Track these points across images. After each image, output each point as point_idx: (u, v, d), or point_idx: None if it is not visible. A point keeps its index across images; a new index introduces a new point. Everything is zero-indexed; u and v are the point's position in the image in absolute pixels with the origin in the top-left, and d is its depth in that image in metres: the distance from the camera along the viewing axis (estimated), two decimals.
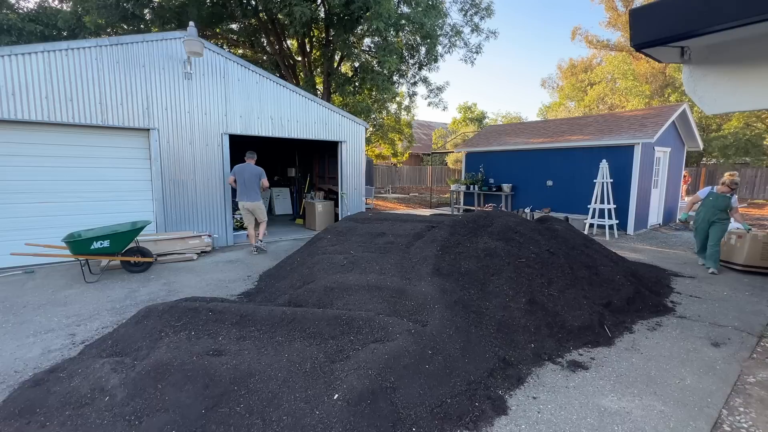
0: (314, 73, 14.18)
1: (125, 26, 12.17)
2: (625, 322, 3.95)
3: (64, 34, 12.46)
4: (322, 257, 4.68)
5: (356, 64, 14.13)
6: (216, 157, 7.36)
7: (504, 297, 3.68)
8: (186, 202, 7.11)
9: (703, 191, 6.12)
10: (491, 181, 12.30)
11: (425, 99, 15.20)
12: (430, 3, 11.38)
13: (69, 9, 12.36)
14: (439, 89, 14.73)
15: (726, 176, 5.86)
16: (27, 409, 2.34)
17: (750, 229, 5.85)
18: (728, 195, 5.74)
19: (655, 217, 10.50)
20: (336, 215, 9.74)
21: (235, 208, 9.34)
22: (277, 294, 4.26)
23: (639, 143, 8.90)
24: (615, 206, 9.03)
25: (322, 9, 12.00)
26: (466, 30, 13.68)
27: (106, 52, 6.17)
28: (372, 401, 2.34)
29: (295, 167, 12.43)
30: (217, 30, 13.81)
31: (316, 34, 13.87)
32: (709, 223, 5.91)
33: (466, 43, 13.94)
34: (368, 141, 16.25)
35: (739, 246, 5.93)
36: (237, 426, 2.20)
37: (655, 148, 9.47)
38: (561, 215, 9.86)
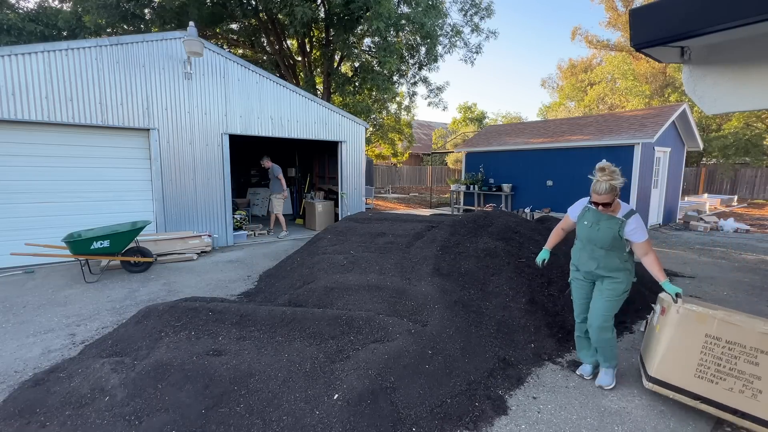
0: (314, 73, 14.18)
1: (125, 26, 12.16)
2: (625, 322, 3.95)
3: (64, 34, 12.45)
4: (322, 257, 4.68)
5: (356, 64, 14.13)
6: (216, 157, 7.36)
7: (504, 297, 3.68)
8: (186, 202, 7.11)
9: (575, 207, 2.94)
10: (491, 181, 12.30)
11: (425, 99, 15.21)
12: (430, 3, 11.38)
13: (69, 9, 12.36)
14: (439, 89, 14.73)
15: (597, 172, 2.59)
16: (27, 409, 2.34)
17: (679, 294, 2.53)
18: (620, 218, 2.64)
19: (655, 217, 10.50)
20: (336, 215, 9.74)
21: (235, 208, 9.37)
22: (277, 294, 4.26)
23: (639, 143, 8.90)
24: None
25: (322, 9, 12.00)
26: (466, 30, 13.69)
27: (106, 52, 6.17)
28: (372, 401, 2.34)
29: (295, 167, 12.43)
30: (217, 30, 13.80)
31: (316, 34, 13.87)
32: (590, 278, 2.86)
33: (466, 43, 13.94)
34: (368, 141, 16.25)
35: (656, 333, 2.71)
36: (237, 426, 2.20)
37: (655, 148, 9.47)
38: (561, 215, 9.84)
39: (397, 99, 16.11)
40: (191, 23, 6.82)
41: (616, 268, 2.71)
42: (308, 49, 14.05)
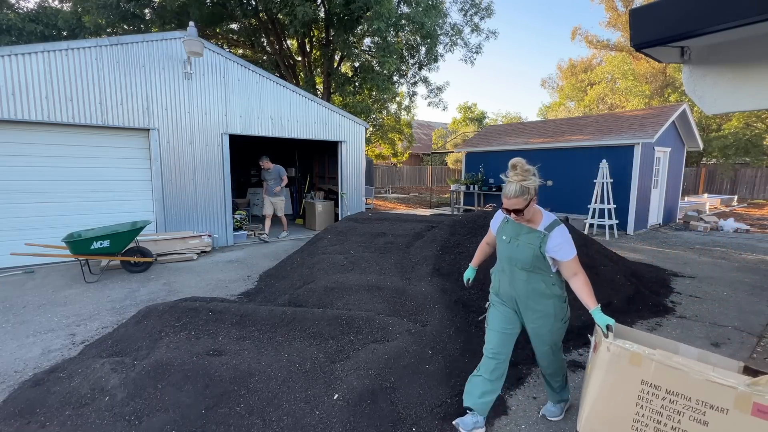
0: (314, 73, 14.18)
1: (125, 26, 12.16)
2: (625, 322, 3.94)
3: (64, 34, 12.46)
4: (322, 257, 4.68)
5: (356, 64, 14.13)
6: (216, 157, 7.36)
7: None
8: (186, 202, 7.11)
9: (496, 218, 2.41)
10: (491, 181, 12.31)
11: (425, 99, 15.21)
12: (430, 3, 11.38)
13: (69, 9, 12.36)
14: (439, 89, 14.74)
15: (509, 171, 2.11)
16: (27, 409, 2.34)
17: (610, 327, 1.99)
18: (541, 231, 2.13)
19: (655, 217, 10.50)
20: (336, 215, 9.74)
21: (235, 208, 9.37)
22: (277, 294, 4.26)
23: (639, 143, 8.90)
24: (615, 206, 9.03)
25: (322, 9, 12.00)
26: (466, 30, 13.70)
27: (106, 52, 6.17)
28: (372, 401, 2.34)
29: (295, 167, 12.44)
30: (217, 30, 13.81)
31: (316, 34, 13.87)
32: (513, 305, 2.31)
33: (466, 43, 13.94)
34: (368, 141, 16.25)
35: (588, 375, 2.22)
36: (237, 426, 2.20)
37: (655, 148, 9.47)
38: (561, 215, 9.85)
39: (397, 99, 16.12)
40: (191, 23, 6.82)
41: (541, 294, 2.17)
42: (308, 49, 14.05)
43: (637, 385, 1.90)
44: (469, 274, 2.68)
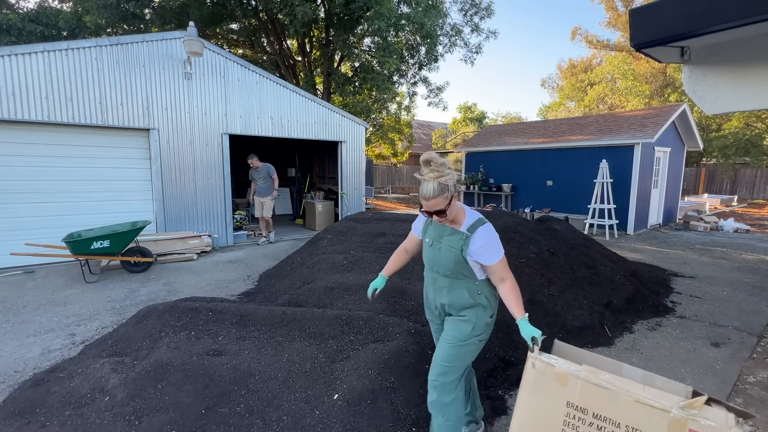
0: (314, 73, 14.19)
1: (125, 26, 12.17)
2: (625, 322, 3.95)
3: (64, 34, 12.46)
4: (322, 257, 4.68)
5: (356, 64, 14.13)
6: (216, 157, 7.36)
7: None
8: (186, 202, 7.11)
9: (419, 220, 2.18)
10: (491, 181, 12.31)
11: (425, 99, 15.22)
12: (430, 3, 11.38)
13: (69, 9, 12.36)
14: (439, 89, 14.74)
15: (422, 168, 1.83)
16: (27, 409, 2.34)
17: (535, 340, 1.80)
18: (463, 232, 1.89)
19: (655, 217, 10.50)
20: (336, 215, 9.74)
21: (235, 208, 9.36)
22: (277, 294, 4.26)
23: (639, 143, 8.90)
24: (615, 206, 9.03)
25: (322, 9, 12.01)
26: (466, 30, 13.71)
27: (106, 52, 6.17)
28: (372, 401, 2.34)
29: (295, 167, 12.44)
30: (217, 30, 13.81)
31: (316, 34, 13.87)
32: (442, 318, 2.13)
33: (466, 43, 13.94)
34: (368, 141, 16.25)
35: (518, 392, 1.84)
36: (237, 426, 2.20)
37: (655, 148, 9.47)
38: (561, 215, 9.86)
39: (397, 99, 16.12)
40: (191, 23, 6.82)
41: (464, 304, 1.93)
42: (308, 49, 14.05)
43: (563, 408, 1.65)
44: (376, 284, 2.24)
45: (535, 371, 1.73)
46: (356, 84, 13.44)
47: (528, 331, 1.81)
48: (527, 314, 1.86)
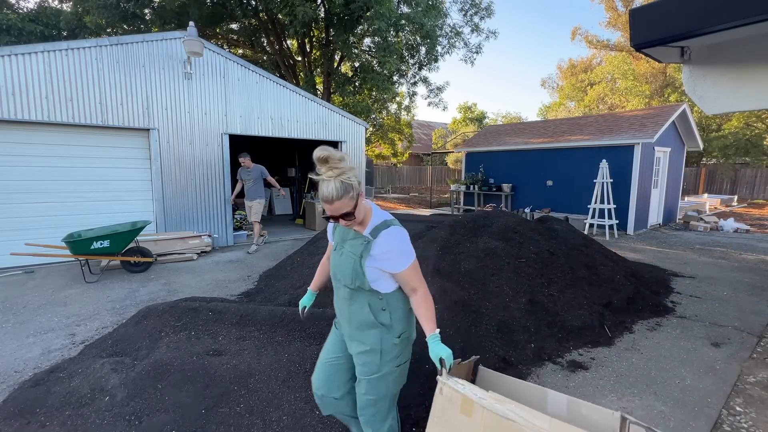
0: (314, 73, 14.19)
1: (125, 26, 12.17)
2: (625, 322, 3.94)
3: (64, 34, 12.47)
4: (322, 257, 4.68)
5: (356, 64, 14.13)
6: (216, 157, 7.36)
7: (504, 297, 3.68)
8: (186, 202, 7.11)
9: (331, 224, 1.86)
10: (491, 181, 12.31)
11: (425, 99, 15.22)
12: (430, 3, 11.38)
13: (69, 9, 12.37)
14: (439, 89, 14.74)
15: (319, 166, 1.59)
16: (27, 409, 2.34)
17: (443, 361, 1.59)
18: (365, 236, 1.64)
19: (655, 217, 10.50)
20: None
21: (235, 208, 9.36)
22: (277, 294, 4.26)
23: (639, 143, 8.90)
24: (615, 206, 9.03)
25: (322, 9, 12.01)
26: (466, 30, 13.71)
27: (106, 52, 6.17)
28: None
29: (295, 167, 12.43)
30: (217, 30, 13.81)
31: (316, 34, 13.87)
32: (350, 329, 1.77)
33: (466, 43, 13.94)
34: (368, 141, 16.25)
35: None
36: (237, 426, 2.20)
37: (655, 148, 9.47)
38: (561, 215, 9.86)
39: (397, 99, 16.12)
40: (191, 23, 6.82)
41: (364, 321, 1.67)
42: (308, 49, 14.05)
43: None
44: (304, 302, 2.11)
45: (442, 398, 1.55)
46: (356, 84, 13.44)
47: (435, 351, 1.58)
48: (438, 330, 1.62)
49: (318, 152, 1.52)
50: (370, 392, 1.72)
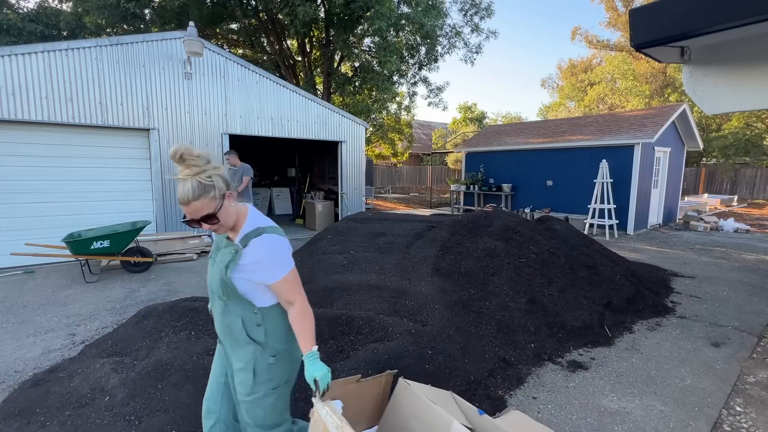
0: (314, 73, 14.19)
1: (125, 26, 12.17)
2: (625, 322, 3.94)
3: (64, 34, 12.47)
4: (322, 257, 4.68)
5: (356, 64, 14.14)
6: (216, 158, 7.35)
7: (504, 297, 3.68)
8: None
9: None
10: (491, 181, 12.31)
11: (425, 99, 15.23)
12: (430, 3, 11.38)
13: (69, 9, 12.37)
14: (439, 89, 14.74)
15: (176, 165, 1.45)
16: (27, 409, 2.34)
17: (317, 382, 1.43)
18: (235, 244, 1.48)
19: (655, 217, 10.50)
20: (336, 215, 9.74)
21: None
22: None
23: (639, 143, 8.90)
24: (615, 206, 9.03)
25: (323, 9, 12.01)
26: (466, 30, 13.71)
27: (106, 52, 6.17)
28: None
29: (295, 167, 12.43)
30: (217, 30, 13.81)
31: (316, 34, 13.87)
32: (227, 344, 1.61)
33: (466, 43, 13.95)
34: (368, 141, 16.25)
35: None
36: None
37: (655, 148, 9.47)
38: (561, 215, 9.86)
39: (397, 99, 16.11)
40: (191, 23, 6.83)
41: (237, 337, 1.53)
42: (308, 49, 14.06)
43: None
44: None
45: (312, 420, 1.42)
46: (356, 84, 13.44)
47: (310, 371, 1.42)
48: (316, 348, 1.48)
49: (173, 149, 1.37)
50: (247, 415, 1.57)
